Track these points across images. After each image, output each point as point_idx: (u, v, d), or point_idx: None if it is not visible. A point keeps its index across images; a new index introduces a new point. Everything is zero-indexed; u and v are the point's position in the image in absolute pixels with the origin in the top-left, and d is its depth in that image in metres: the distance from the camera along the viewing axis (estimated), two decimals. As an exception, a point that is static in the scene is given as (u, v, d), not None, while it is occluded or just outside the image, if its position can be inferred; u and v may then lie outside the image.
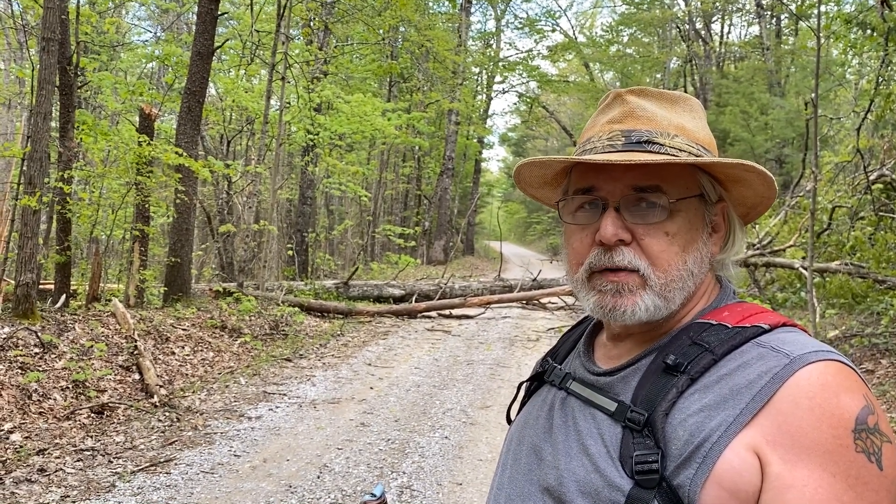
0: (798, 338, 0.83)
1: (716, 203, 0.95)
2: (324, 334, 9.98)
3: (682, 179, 0.92)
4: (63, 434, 4.98)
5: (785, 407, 0.77)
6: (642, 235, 0.90)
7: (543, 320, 12.08)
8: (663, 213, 0.89)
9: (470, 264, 26.24)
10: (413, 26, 20.90)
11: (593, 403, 0.91)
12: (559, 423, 0.94)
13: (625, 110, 0.94)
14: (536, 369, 1.09)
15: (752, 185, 0.94)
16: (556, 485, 0.88)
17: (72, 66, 8.26)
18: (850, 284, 9.68)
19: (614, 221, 0.89)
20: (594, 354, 1.01)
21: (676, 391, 0.82)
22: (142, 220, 9.03)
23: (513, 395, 5.06)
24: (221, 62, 16.74)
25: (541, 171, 1.02)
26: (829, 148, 15.43)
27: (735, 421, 0.78)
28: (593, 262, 0.92)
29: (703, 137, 0.95)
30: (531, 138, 44.70)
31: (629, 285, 0.89)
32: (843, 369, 0.79)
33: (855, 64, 19.13)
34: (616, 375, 0.92)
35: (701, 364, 0.83)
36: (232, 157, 17.70)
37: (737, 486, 0.76)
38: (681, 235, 0.90)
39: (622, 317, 0.90)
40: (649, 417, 0.82)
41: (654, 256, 0.89)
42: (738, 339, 0.84)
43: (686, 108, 0.97)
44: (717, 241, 0.96)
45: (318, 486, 4.32)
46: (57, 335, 6.31)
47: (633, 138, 0.91)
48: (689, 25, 26.49)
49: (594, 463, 0.85)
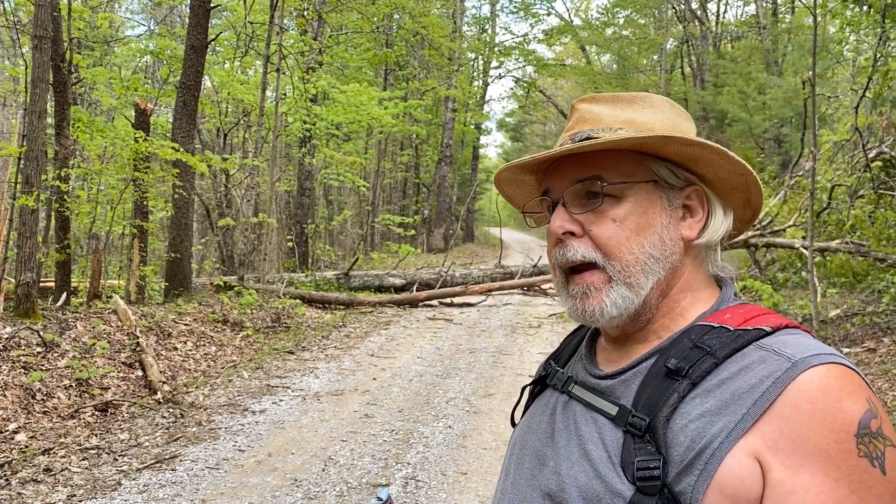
0: (801, 340, 0.82)
1: (684, 188, 0.95)
2: (326, 326, 9.99)
3: (624, 166, 0.93)
4: (68, 433, 4.99)
5: (786, 412, 0.76)
6: (590, 225, 0.92)
7: (545, 306, 12.09)
8: (601, 197, 0.91)
9: (470, 251, 26.23)
10: (407, 13, 20.77)
11: (595, 407, 0.91)
12: (561, 428, 0.94)
13: (576, 118, 0.99)
14: (539, 373, 1.09)
15: (715, 163, 0.93)
16: (557, 490, 0.88)
17: (65, 63, 8.22)
18: (850, 263, 9.68)
19: (561, 215, 0.93)
20: (596, 357, 1.00)
21: (678, 396, 0.82)
22: (140, 216, 9.03)
23: (515, 382, 5.09)
24: (216, 54, 16.65)
25: (521, 189, 1.08)
26: (827, 126, 15.38)
27: (736, 427, 0.77)
28: (555, 261, 0.95)
29: (660, 128, 0.94)
30: (529, 123, 44.56)
31: (593, 284, 0.92)
32: (845, 372, 0.78)
33: (852, 41, 19.04)
34: (617, 379, 0.91)
35: (702, 368, 0.82)
36: (229, 150, 17.65)
37: (738, 492, 0.76)
38: (631, 220, 0.91)
39: (593, 317, 0.92)
40: (651, 423, 0.82)
41: (603, 243, 0.91)
42: (740, 342, 0.83)
43: (644, 105, 0.97)
44: (691, 226, 0.95)
45: (324, 478, 4.33)
46: (59, 334, 6.31)
47: (577, 138, 0.94)
48: (685, 6, 26.34)
49: (595, 469, 0.84)
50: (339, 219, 20.39)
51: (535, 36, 32.12)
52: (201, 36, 9.66)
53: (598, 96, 1.00)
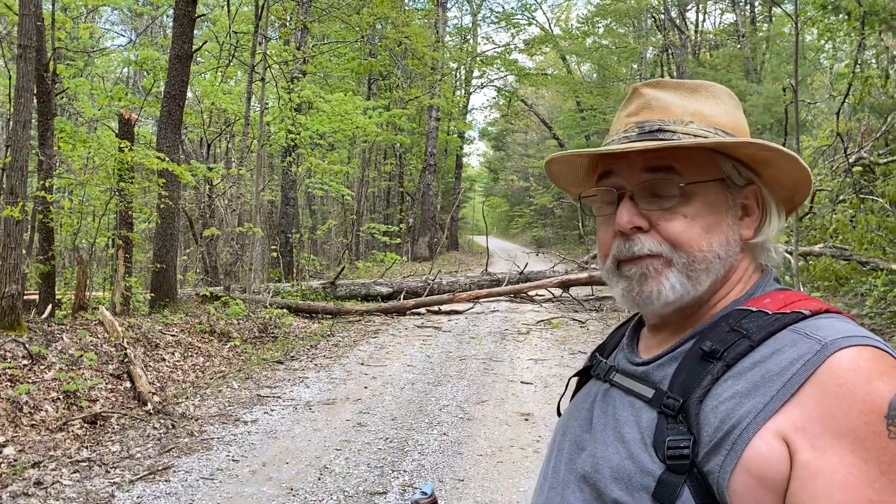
0: (835, 323, 0.82)
1: (744, 187, 0.95)
2: (314, 335, 9.94)
3: (698, 164, 0.92)
4: (57, 446, 4.91)
5: (815, 394, 0.76)
6: (659, 221, 0.91)
7: (532, 313, 12.11)
8: (677, 197, 0.90)
9: (455, 259, 26.22)
10: (390, 23, 20.81)
11: (633, 392, 0.92)
12: (599, 414, 0.96)
13: (640, 103, 0.97)
14: (585, 364, 1.10)
15: (780, 166, 0.93)
16: (591, 472, 0.89)
17: (49, 73, 8.15)
18: (834, 267, 9.79)
19: (629, 209, 0.91)
20: (637, 346, 1.02)
21: (712, 378, 0.82)
22: (125, 227, 8.94)
23: (506, 389, 5.12)
24: (198, 65, 16.58)
25: (568, 168, 1.05)
26: (806, 132, 15.57)
27: (765, 408, 0.77)
28: (616, 253, 0.93)
29: (725, 121, 0.94)
30: (511, 132, 44.70)
31: (654, 266, 0.91)
32: (877, 354, 0.78)
33: (829, 49, 19.32)
34: (655, 364, 0.92)
35: (737, 350, 0.83)
36: (212, 159, 17.56)
37: (765, 473, 0.76)
38: (701, 218, 0.91)
39: (648, 300, 0.91)
40: (684, 403, 0.82)
41: (674, 237, 0.90)
42: (776, 326, 0.83)
43: (707, 94, 0.97)
44: (749, 225, 0.95)
45: (320, 487, 4.30)
46: (45, 346, 6.22)
47: (646, 128, 0.93)
48: (664, 14, 26.61)
49: (628, 449, 0.85)
50: (323, 228, 20.32)
51: (517, 46, 32.19)
52: (186, 45, 9.61)
53: (663, 82, 0.98)
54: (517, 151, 45.35)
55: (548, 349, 8.89)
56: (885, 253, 9.18)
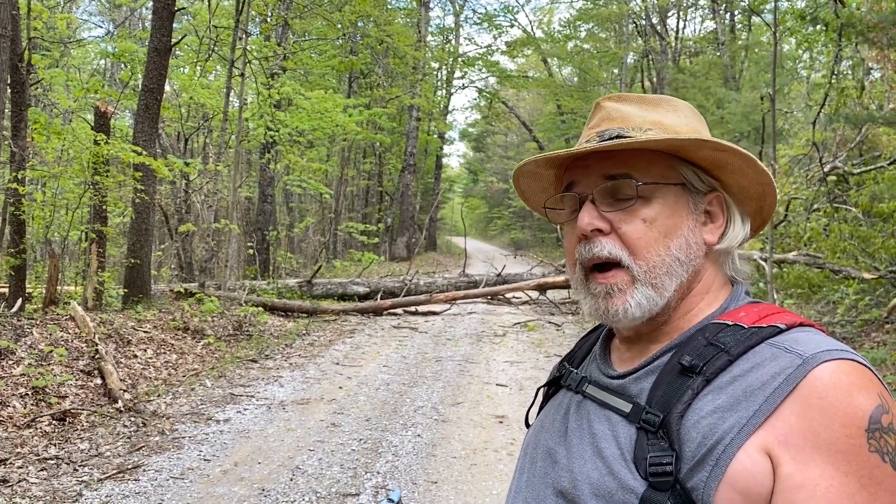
0: (813, 337, 0.83)
1: (707, 193, 0.95)
2: (289, 334, 9.87)
3: (656, 167, 0.93)
4: (24, 443, 4.82)
5: (797, 408, 0.76)
6: (619, 224, 0.91)
7: (509, 315, 12.12)
8: (635, 198, 0.91)
9: (433, 260, 26.21)
10: (372, 21, 20.75)
11: (609, 406, 0.91)
12: (574, 427, 0.94)
13: (602, 115, 0.98)
14: (553, 374, 1.09)
15: (742, 171, 0.94)
16: (570, 488, 0.88)
17: (23, 63, 8.01)
18: (807, 274, 9.90)
19: (590, 211, 0.92)
20: (610, 357, 1.01)
21: (692, 392, 0.82)
22: (99, 221, 8.81)
23: (482, 391, 5.11)
24: (177, 58, 16.40)
25: (537, 183, 1.06)
26: (782, 141, 15.76)
27: (748, 423, 0.77)
28: (579, 257, 0.94)
29: (686, 131, 0.95)
30: (491, 133, 44.77)
31: (618, 285, 0.91)
32: (856, 368, 0.79)
33: (806, 59, 19.59)
34: (631, 377, 0.91)
35: (716, 365, 0.83)
36: (189, 154, 17.38)
37: (749, 487, 0.76)
38: (660, 221, 0.91)
39: (616, 317, 0.91)
40: (664, 419, 0.82)
41: (632, 243, 0.90)
42: (754, 340, 0.83)
43: (669, 108, 0.98)
44: (712, 231, 0.95)
45: (292, 488, 4.26)
46: (14, 340, 6.11)
47: (606, 136, 0.94)
48: (645, 21, 26.81)
49: (608, 465, 0.84)
50: (301, 226, 20.20)
51: (499, 47, 32.36)
52: (165, 38, 9.49)
53: (625, 96, 1.00)
54: (497, 153, 45.45)
55: (523, 352, 8.90)
56: (858, 262, 9.31)
